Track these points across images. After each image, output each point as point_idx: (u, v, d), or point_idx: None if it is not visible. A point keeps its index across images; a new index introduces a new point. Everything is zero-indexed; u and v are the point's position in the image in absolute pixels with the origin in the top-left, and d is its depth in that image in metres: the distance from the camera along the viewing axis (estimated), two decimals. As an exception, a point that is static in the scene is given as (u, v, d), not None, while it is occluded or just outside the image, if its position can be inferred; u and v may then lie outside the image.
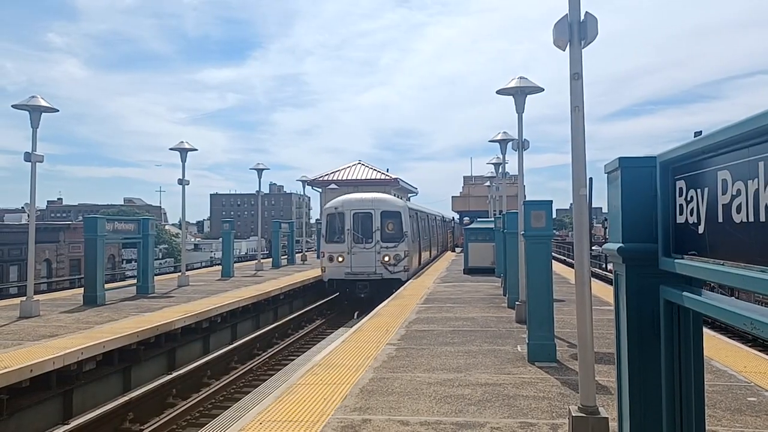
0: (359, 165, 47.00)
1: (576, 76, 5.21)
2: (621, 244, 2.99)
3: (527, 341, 8.79)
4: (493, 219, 26.11)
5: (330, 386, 7.37)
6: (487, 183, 34.78)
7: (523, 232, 8.96)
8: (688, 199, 2.50)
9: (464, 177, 68.73)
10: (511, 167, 20.42)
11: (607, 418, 5.03)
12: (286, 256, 33.47)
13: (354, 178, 43.60)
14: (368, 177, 43.85)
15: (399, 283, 21.63)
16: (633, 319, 3.06)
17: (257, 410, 6.46)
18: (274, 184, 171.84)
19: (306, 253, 38.42)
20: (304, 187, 40.49)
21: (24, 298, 13.84)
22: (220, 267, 27.23)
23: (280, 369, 13.84)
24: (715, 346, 9.42)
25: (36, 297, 14.19)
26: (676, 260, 2.58)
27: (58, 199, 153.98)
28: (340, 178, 43.14)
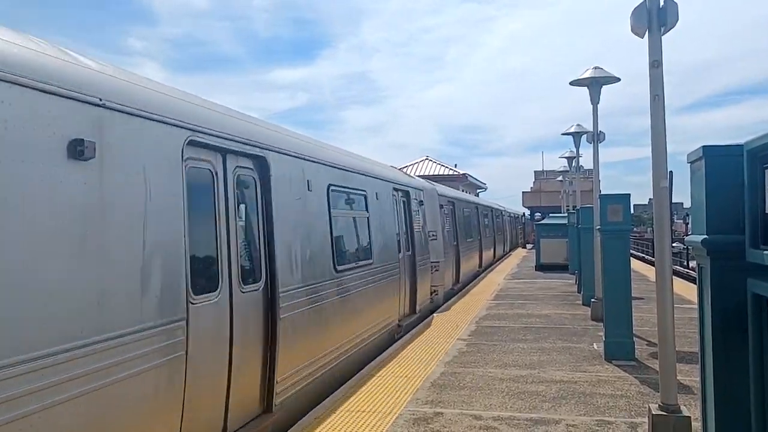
0: (427, 161, 46.89)
1: (655, 64, 5.04)
2: (705, 236, 2.89)
3: (604, 339, 8.56)
4: (565, 214, 25.48)
5: (401, 379, 7.44)
6: (560, 178, 33.93)
7: (599, 227, 8.73)
8: (779, 188, 2.40)
9: (535, 172, 67.46)
10: (585, 161, 19.89)
11: (690, 417, 4.85)
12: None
13: (422, 173, 43.55)
14: (436, 173, 43.67)
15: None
16: (718, 314, 2.95)
17: (330, 400, 6.62)
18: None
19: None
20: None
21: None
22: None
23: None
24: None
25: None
26: (765, 252, 2.47)
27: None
28: (408, 174, 43.07)
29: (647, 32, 5.09)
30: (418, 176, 22.96)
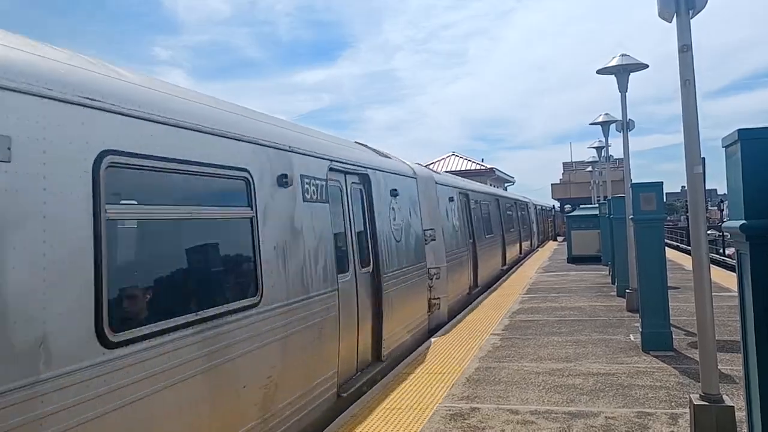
0: (453, 156, 46.70)
1: (684, 48, 4.94)
2: (744, 221, 2.83)
3: (641, 330, 8.43)
4: (596, 205, 25.13)
5: (436, 375, 7.44)
6: (589, 168, 33.46)
7: (632, 217, 8.60)
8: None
9: (563, 163, 66.59)
10: (614, 150, 19.53)
11: (733, 407, 4.76)
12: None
13: (449, 169, 43.39)
14: (463, 168, 43.47)
15: None
16: (760, 300, 2.89)
17: (365, 398, 6.65)
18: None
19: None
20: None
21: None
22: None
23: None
24: None
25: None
26: (808, 235, 2.41)
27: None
28: (435, 170, 42.93)
29: (675, 16, 5.00)
30: (445, 172, 21.47)
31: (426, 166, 14.08)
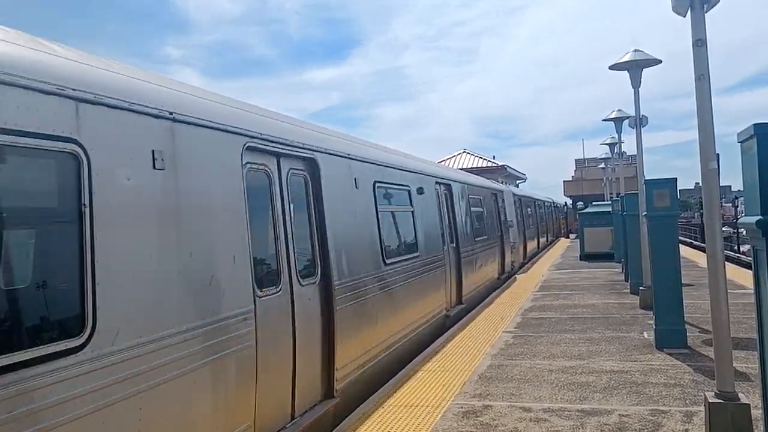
0: (464, 154, 46.56)
1: (699, 43, 4.90)
2: (760, 217, 2.80)
3: (654, 327, 8.37)
4: (609, 202, 24.96)
5: (447, 373, 7.43)
6: (602, 165, 33.25)
7: (645, 213, 8.53)
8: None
9: (576, 160, 66.36)
10: (626, 147, 19.42)
11: (748, 404, 4.71)
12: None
13: (460, 167, 43.25)
14: (474, 165, 43.32)
15: None
16: (777, 296, 2.85)
17: (377, 396, 6.65)
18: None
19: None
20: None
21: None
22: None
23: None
24: None
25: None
26: (826, 230, 2.38)
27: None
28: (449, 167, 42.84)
29: (689, 10, 4.95)
30: (459, 169, 23.64)
31: (438, 163, 18.62)
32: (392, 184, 8.84)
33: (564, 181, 63.40)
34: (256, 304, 4.74)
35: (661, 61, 10.50)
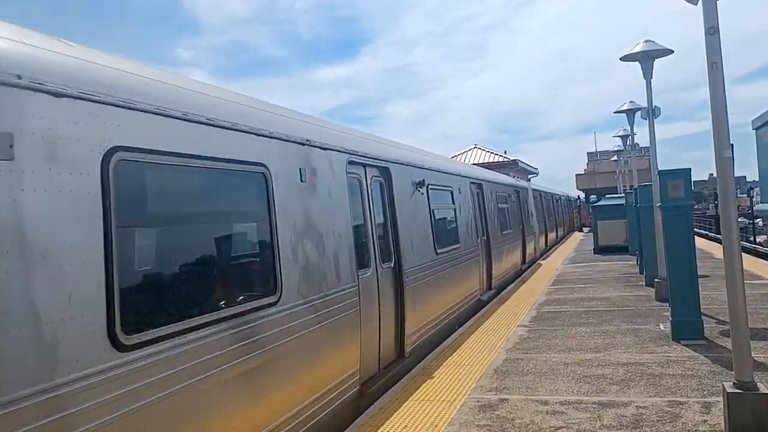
0: (476, 149, 46.35)
1: (712, 31, 4.85)
2: (777, 203, 2.78)
3: (671, 318, 8.32)
4: (622, 195, 24.77)
5: (463, 367, 7.44)
6: (614, 157, 33.00)
7: (659, 204, 8.47)
8: None
9: (588, 153, 65.99)
10: (639, 139, 19.31)
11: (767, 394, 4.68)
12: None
13: (471, 162, 43.04)
14: (486, 160, 43.11)
15: None
16: (795, 283, 2.83)
17: (394, 390, 6.67)
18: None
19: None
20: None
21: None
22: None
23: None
24: None
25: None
26: (844, 215, 2.36)
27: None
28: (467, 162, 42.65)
29: (701, -2, 4.91)
30: (473, 164, 26.90)
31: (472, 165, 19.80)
32: (440, 185, 10.48)
33: (576, 175, 63.10)
34: (359, 280, 6.44)
35: (672, 51, 10.41)
